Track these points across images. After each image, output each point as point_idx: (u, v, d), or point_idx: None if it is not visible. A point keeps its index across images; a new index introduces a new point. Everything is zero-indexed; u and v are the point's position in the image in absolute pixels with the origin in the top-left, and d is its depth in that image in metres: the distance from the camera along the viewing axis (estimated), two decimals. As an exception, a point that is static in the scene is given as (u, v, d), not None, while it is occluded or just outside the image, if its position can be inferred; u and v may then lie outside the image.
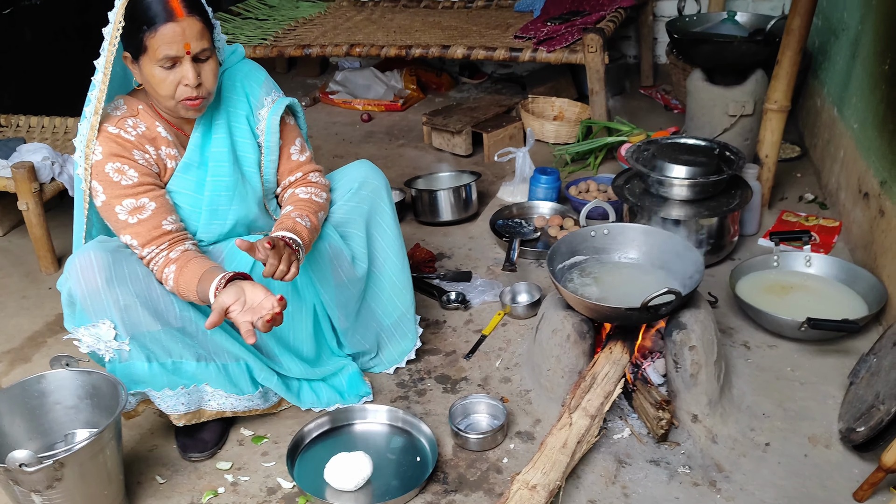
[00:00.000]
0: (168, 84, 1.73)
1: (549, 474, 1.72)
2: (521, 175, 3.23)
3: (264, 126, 1.97)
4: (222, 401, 1.96)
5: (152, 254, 1.80)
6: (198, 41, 1.72)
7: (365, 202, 2.08)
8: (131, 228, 1.79)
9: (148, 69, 1.72)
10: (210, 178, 1.90)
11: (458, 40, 3.71)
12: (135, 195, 1.79)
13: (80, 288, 1.73)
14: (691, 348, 1.97)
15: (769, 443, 1.94)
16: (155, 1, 1.68)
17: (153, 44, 1.68)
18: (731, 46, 3.07)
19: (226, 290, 1.68)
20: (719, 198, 2.62)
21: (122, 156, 1.78)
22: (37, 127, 3.29)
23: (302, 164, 2.04)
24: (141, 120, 1.84)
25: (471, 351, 2.35)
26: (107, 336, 1.75)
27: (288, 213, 1.95)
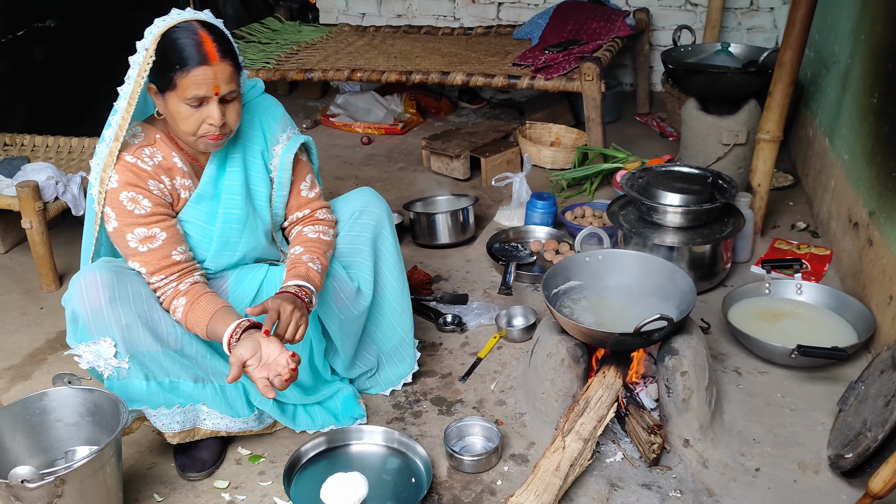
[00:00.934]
0: (192, 121, 1.76)
1: (542, 497, 1.75)
2: (517, 200, 3.27)
3: (278, 162, 2.00)
4: (217, 421, 1.98)
5: (160, 283, 1.84)
6: (227, 84, 1.75)
7: (367, 230, 2.12)
8: (141, 257, 1.83)
9: (174, 105, 1.75)
10: (222, 210, 1.93)
11: (457, 67, 3.78)
12: (147, 224, 1.82)
13: (84, 305, 1.77)
14: (683, 374, 2.00)
15: (759, 468, 1.97)
16: (190, 42, 1.71)
17: (183, 83, 1.71)
18: (725, 77, 3.14)
19: (242, 344, 1.73)
20: (712, 225, 2.66)
21: (137, 185, 1.81)
22: (41, 146, 3.34)
23: (311, 200, 2.08)
24: (158, 149, 1.86)
25: (466, 373, 2.38)
26: (107, 353, 1.78)
27: (298, 255, 1.98)
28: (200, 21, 1.76)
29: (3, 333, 2.66)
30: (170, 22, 1.74)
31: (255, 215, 2.00)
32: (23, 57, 3.72)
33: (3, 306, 2.82)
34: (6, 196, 2.82)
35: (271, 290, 2.04)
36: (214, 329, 1.79)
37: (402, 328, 2.23)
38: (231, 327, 1.76)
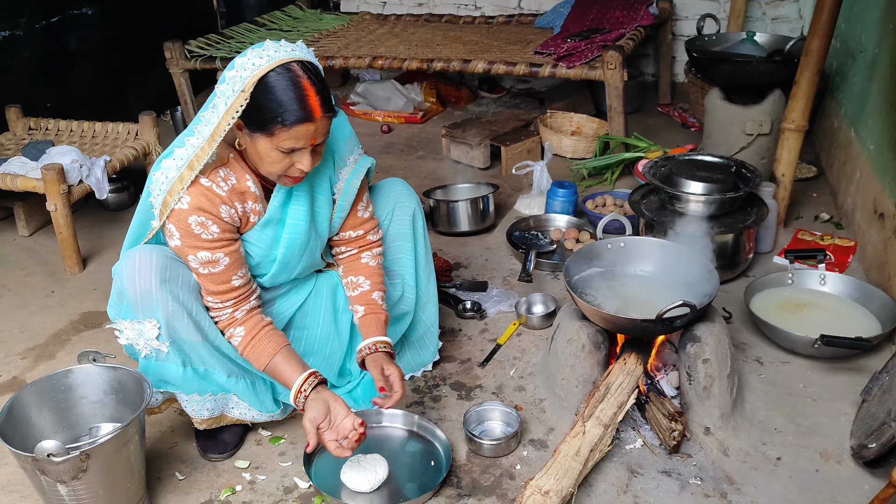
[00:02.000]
0: (281, 165, 1.70)
1: (561, 481, 1.75)
2: (538, 188, 3.26)
3: (342, 186, 1.95)
4: (245, 412, 2.00)
5: (216, 305, 1.83)
6: (323, 136, 1.70)
7: (405, 225, 2.14)
8: (200, 277, 1.80)
9: (263, 147, 1.67)
10: (286, 235, 1.89)
11: (478, 55, 3.77)
12: (211, 249, 1.77)
13: (133, 284, 1.76)
14: (705, 361, 1.99)
15: (781, 457, 1.96)
16: (292, 97, 1.61)
17: (282, 135, 1.63)
18: (750, 66, 3.11)
19: (313, 406, 1.78)
20: (735, 215, 2.64)
21: (208, 211, 1.74)
22: (65, 131, 3.37)
23: (365, 221, 2.05)
24: (231, 171, 1.79)
25: (486, 359, 2.38)
26: (150, 334, 1.78)
27: (369, 294, 2.02)
28: (300, 63, 1.64)
29: (28, 314, 2.69)
30: (268, 64, 1.61)
31: (316, 237, 1.96)
32: (56, 43, 3.75)
33: (27, 288, 2.86)
34: (31, 179, 2.85)
35: (318, 298, 2.09)
36: (279, 373, 1.83)
37: (428, 318, 2.26)
38: (300, 381, 1.80)
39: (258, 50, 1.65)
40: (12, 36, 3.49)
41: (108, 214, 3.38)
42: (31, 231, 3.23)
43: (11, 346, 2.52)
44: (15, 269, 2.98)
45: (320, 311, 2.10)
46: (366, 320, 2.01)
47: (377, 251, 2.08)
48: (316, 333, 2.11)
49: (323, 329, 2.11)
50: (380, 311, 2.02)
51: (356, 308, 2.03)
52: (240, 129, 1.71)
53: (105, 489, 1.69)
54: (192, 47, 4.03)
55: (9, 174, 2.88)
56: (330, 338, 2.12)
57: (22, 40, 3.54)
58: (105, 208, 3.40)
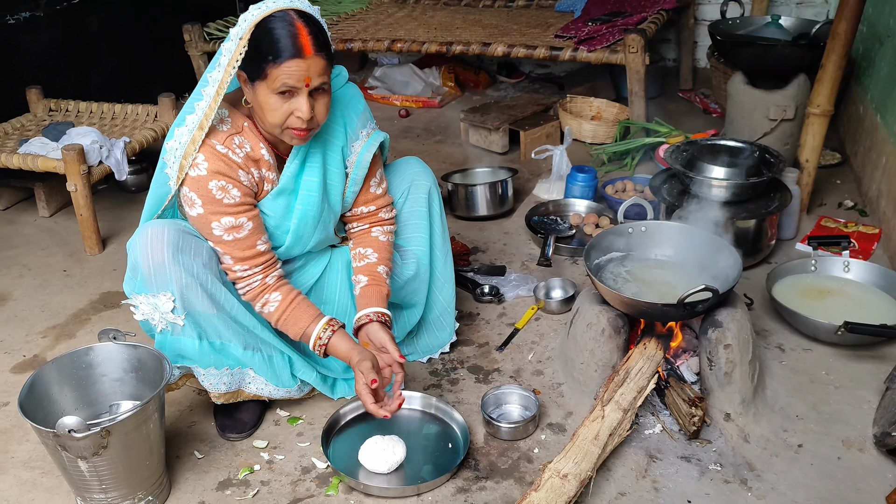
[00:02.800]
0: (280, 113, 1.71)
1: (580, 464, 1.74)
2: (557, 173, 3.24)
3: (355, 159, 1.96)
4: (261, 387, 2.00)
5: (244, 273, 1.84)
6: (318, 77, 1.69)
7: (420, 203, 2.14)
8: (225, 245, 1.81)
9: (263, 95, 1.70)
10: (299, 206, 1.91)
11: (498, 38, 3.73)
12: (235, 214, 1.79)
13: (147, 258, 1.77)
14: (726, 346, 1.97)
15: (802, 444, 1.94)
16: (285, 34, 1.65)
17: (274, 74, 1.66)
18: (775, 50, 3.06)
19: (368, 357, 1.82)
20: (758, 200, 2.61)
21: (228, 175, 1.77)
22: (85, 112, 3.38)
23: (378, 197, 2.05)
24: (246, 138, 1.82)
25: (504, 343, 2.37)
26: (165, 307, 1.80)
27: (375, 266, 2.01)
28: (297, 10, 1.69)
29: (49, 294, 2.71)
30: (265, 10, 1.67)
31: (329, 210, 1.97)
32: (77, 25, 3.76)
33: (47, 268, 2.88)
34: (52, 159, 2.86)
35: (335, 271, 2.10)
36: (339, 348, 1.86)
37: (444, 297, 2.25)
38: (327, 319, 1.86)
39: (257, 3, 1.70)
40: (32, 17, 3.50)
41: (127, 196, 3.39)
42: (51, 212, 3.25)
43: (32, 324, 2.54)
44: (35, 249, 3.00)
45: (336, 285, 2.11)
46: (366, 290, 1.98)
47: (388, 228, 2.08)
48: (334, 308, 2.11)
49: (340, 303, 2.12)
50: (382, 285, 2.00)
51: (359, 278, 2.01)
52: (245, 84, 1.75)
53: (125, 466, 1.70)
54: (211, 30, 4.02)
55: (30, 154, 2.90)
56: (348, 309, 2.12)
57: (43, 22, 3.55)
58: (124, 189, 3.41)
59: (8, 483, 1.91)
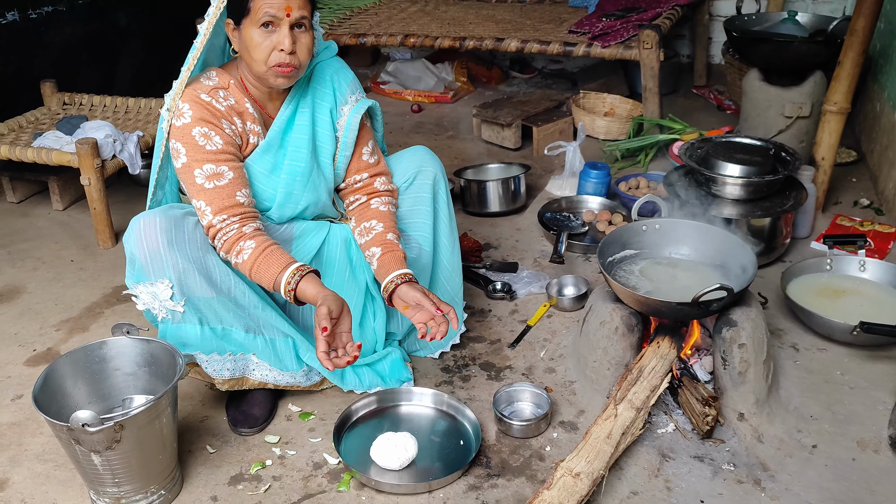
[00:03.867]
0: (264, 48, 1.78)
1: (592, 463, 1.73)
2: (570, 169, 3.23)
3: (345, 122, 2.02)
4: (266, 373, 2.01)
5: (223, 223, 1.84)
6: (298, 9, 1.78)
7: (425, 189, 2.14)
8: (206, 194, 1.83)
9: (247, 33, 1.78)
10: (288, 161, 1.96)
11: (511, 34, 3.72)
12: (216, 161, 1.84)
13: (142, 247, 1.80)
14: (741, 346, 1.96)
15: (816, 445, 1.92)
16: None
17: (256, 4, 1.75)
18: (791, 46, 3.03)
19: (335, 300, 1.78)
20: (773, 198, 2.59)
21: (210, 122, 1.84)
22: (99, 106, 3.39)
23: (370, 165, 2.09)
24: (231, 93, 1.90)
25: (516, 340, 2.36)
26: (164, 295, 1.81)
27: (383, 235, 2.01)
28: None
29: (62, 287, 2.72)
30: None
31: (319, 172, 2.01)
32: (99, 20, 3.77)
33: (61, 261, 2.89)
34: (66, 153, 2.87)
35: (332, 247, 2.10)
36: (305, 292, 1.81)
37: (452, 287, 2.24)
38: (298, 264, 1.82)
39: None
40: (55, 11, 3.51)
41: (139, 190, 3.40)
42: (64, 205, 3.26)
43: (46, 317, 2.55)
44: (49, 242, 3.02)
45: (335, 261, 2.12)
46: (384, 259, 1.98)
47: (387, 199, 2.09)
48: (331, 281, 2.11)
49: (338, 276, 2.12)
50: (397, 249, 1.99)
51: (372, 250, 2.01)
52: (232, 31, 1.84)
53: (138, 460, 1.70)
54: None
55: (44, 148, 2.91)
56: (347, 287, 2.12)
57: (65, 16, 3.56)
58: (137, 183, 3.42)
59: (22, 476, 1.92)
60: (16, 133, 3.15)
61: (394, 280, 1.94)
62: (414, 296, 1.91)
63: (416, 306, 1.91)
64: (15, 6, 3.33)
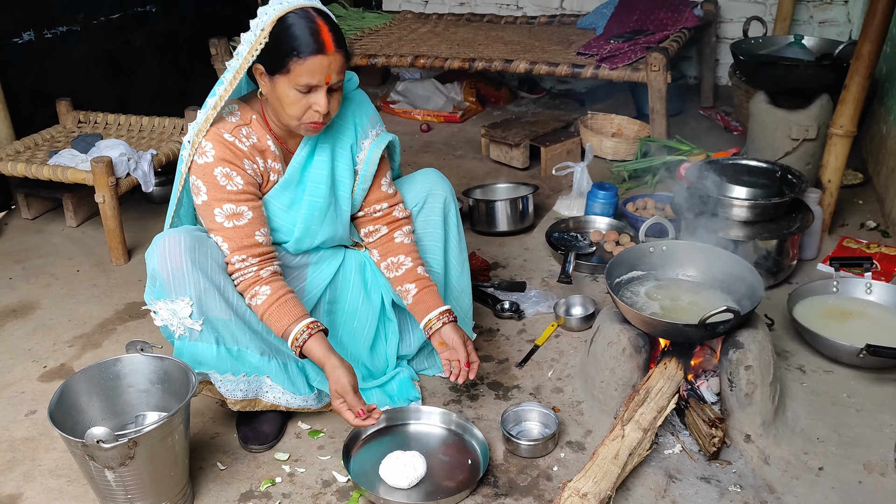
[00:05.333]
0: (299, 107, 1.79)
1: (599, 483, 1.74)
2: (578, 189, 3.25)
3: (364, 156, 2.03)
4: (278, 395, 2.02)
5: (241, 264, 1.86)
6: (337, 74, 1.78)
7: (436, 213, 2.16)
8: (225, 232, 1.86)
9: (282, 88, 1.77)
10: (306, 197, 1.97)
11: (520, 55, 3.76)
12: (236, 202, 1.85)
13: (165, 265, 1.82)
14: (747, 368, 1.97)
15: (823, 467, 1.93)
16: (307, 31, 1.73)
17: (297, 70, 1.73)
18: (798, 70, 3.07)
19: (349, 373, 1.85)
20: (780, 220, 2.61)
21: (232, 162, 1.85)
22: (113, 124, 3.44)
23: (389, 196, 2.10)
24: (253, 130, 1.90)
25: (523, 360, 2.38)
26: (183, 313, 1.83)
27: (413, 270, 2.07)
28: (315, 8, 1.78)
29: (75, 303, 2.76)
30: (286, 7, 1.75)
31: (337, 206, 2.03)
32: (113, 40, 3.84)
33: (75, 277, 2.92)
34: (81, 171, 2.91)
35: (348, 271, 2.13)
36: (312, 350, 1.87)
37: (461, 308, 2.27)
38: (307, 321, 1.86)
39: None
40: (70, 31, 3.57)
41: (152, 207, 3.44)
42: (78, 222, 3.30)
43: (60, 333, 2.58)
44: (63, 258, 3.06)
45: (349, 284, 2.15)
46: (421, 295, 2.05)
47: (407, 228, 2.12)
48: (345, 307, 2.14)
49: (352, 302, 2.15)
50: (431, 284, 2.08)
51: (406, 287, 2.07)
52: (261, 77, 1.82)
53: (150, 476, 1.72)
54: (237, 44, 4.08)
55: (59, 166, 2.95)
56: (359, 311, 2.16)
57: (80, 36, 3.62)
58: (150, 201, 3.46)
59: (35, 490, 1.94)
60: (31, 151, 3.20)
61: (440, 318, 2.02)
62: (454, 339, 2.00)
63: (451, 349, 2.00)
64: (31, 26, 3.39)
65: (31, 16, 3.39)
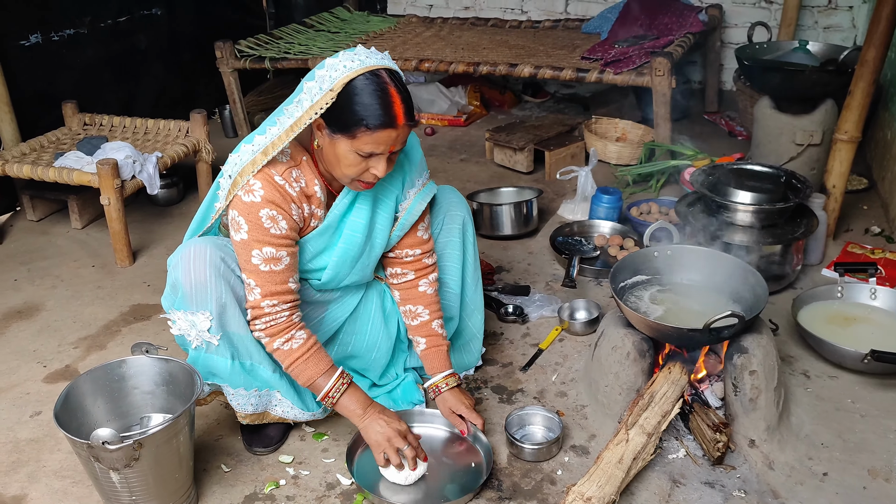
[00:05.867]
0: (357, 168, 1.73)
1: (604, 488, 1.74)
2: (582, 193, 3.26)
3: (408, 205, 1.98)
4: (287, 410, 2.02)
5: (272, 308, 1.82)
6: (402, 143, 1.73)
7: (455, 234, 2.16)
8: (259, 275, 1.79)
9: (342, 149, 1.71)
10: (341, 244, 1.92)
11: (525, 59, 3.77)
12: (277, 246, 1.78)
13: (188, 276, 1.80)
14: (752, 373, 1.97)
15: (827, 472, 1.93)
16: (378, 102, 1.64)
17: (364, 138, 1.67)
18: (803, 75, 3.06)
19: (399, 420, 1.92)
20: (784, 226, 2.61)
21: (280, 206, 1.77)
22: (119, 126, 3.45)
23: (423, 241, 2.06)
24: (303, 173, 1.83)
25: (527, 364, 2.38)
26: (202, 326, 1.82)
27: (428, 324, 2.07)
28: (388, 71, 1.67)
29: (80, 305, 2.76)
30: (359, 67, 1.65)
31: (370, 251, 1.98)
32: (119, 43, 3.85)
33: (79, 279, 2.93)
34: (86, 173, 2.92)
35: (368, 301, 2.12)
36: (346, 406, 1.90)
37: (473, 324, 2.27)
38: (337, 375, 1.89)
39: (350, 54, 1.68)
40: (77, 34, 3.59)
41: (157, 210, 3.45)
42: (83, 224, 3.31)
43: (65, 335, 2.59)
44: (68, 260, 3.06)
45: (370, 316, 2.13)
46: (429, 353, 2.07)
47: (433, 277, 2.09)
48: (364, 339, 2.14)
49: (372, 335, 2.14)
50: (442, 343, 2.08)
51: (417, 339, 2.09)
52: (319, 129, 1.74)
53: (155, 478, 1.73)
54: (242, 47, 4.10)
55: (65, 168, 2.96)
56: (378, 342, 2.16)
57: (86, 39, 3.64)
58: (155, 203, 3.47)
59: (40, 492, 1.95)
60: (37, 153, 3.21)
61: (445, 382, 2.05)
62: (455, 404, 2.02)
63: (455, 415, 2.03)
64: (38, 29, 3.40)
65: (38, 18, 3.40)
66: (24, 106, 3.32)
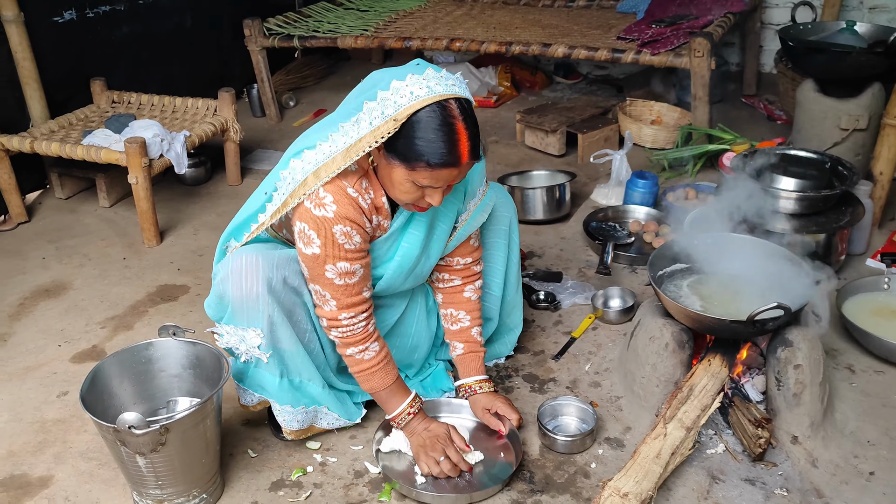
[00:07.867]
0: (412, 196, 1.65)
1: (641, 483, 1.69)
2: (616, 178, 3.17)
3: (468, 217, 1.91)
4: (332, 422, 1.99)
5: (350, 320, 1.78)
6: (462, 177, 1.65)
7: (501, 235, 2.11)
8: (335, 289, 1.73)
9: (399, 176, 1.62)
10: (398, 257, 1.85)
11: (558, 39, 3.67)
12: (351, 260, 1.72)
13: (240, 291, 1.74)
14: (796, 367, 1.89)
15: (874, 472, 1.86)
16: (444, 140, 1.54)
17: (423, 173, 1.58)
18: (850, 57, 2.94)
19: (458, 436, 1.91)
20: (828, 214, 2.51)
21: (354, 221, 1.68)
22: (147, 104, 3.42)
23: (474, 250, 2.01)
24: (371, 184, 1.73)
25: (560, 352, 2.32)
26: (252, 342, 1.78)
27: (468, 330, 2.04)
28: (459, 101, 1.56)
29: (107, 285, 2.75)
30: (429, 95, 1.53)
31: (426, 261, 1.91)
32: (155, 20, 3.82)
33: (107, 258, 2.91)
34: (114, 151, 2.90)
35: (415, 305, 2.07)
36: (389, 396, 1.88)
37: (511, 321, 2.24)
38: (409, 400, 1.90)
39: (418, 78, 1.56)
40: (113, 10, 3.55)
41: (184, 189, 3.43)
42: (111, 202, 3.29)
43: (92, 314, 2.57)
44: (95, 238, 3.05)
45: (415, 316, 2.09)
46: (465, 358, 2.04)
47: (479, 284, 2.05)
48: (409, 341, 2.10)
49: (416, 337, 2.10)
50: (479, 350, 2.05)
51: (455, 344, 2.05)
52: (377, 149, 1.65)
53: (181, 462, 1.70)
54: (271, 25, 4.04)
55: (93, 146, 2.94)
56: (421, 343, 2.12)
57: (122, 16, 3.60)
58: (182, 183, 3.44)
59: (66, 473, 1.93)
60: (66, 130, 3.19)
61: (479, 385, 2.02)
62: (490, 402, 1.99)
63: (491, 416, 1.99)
64: (73, 5, 3.37)
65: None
66: (55, 83, 3.29)
